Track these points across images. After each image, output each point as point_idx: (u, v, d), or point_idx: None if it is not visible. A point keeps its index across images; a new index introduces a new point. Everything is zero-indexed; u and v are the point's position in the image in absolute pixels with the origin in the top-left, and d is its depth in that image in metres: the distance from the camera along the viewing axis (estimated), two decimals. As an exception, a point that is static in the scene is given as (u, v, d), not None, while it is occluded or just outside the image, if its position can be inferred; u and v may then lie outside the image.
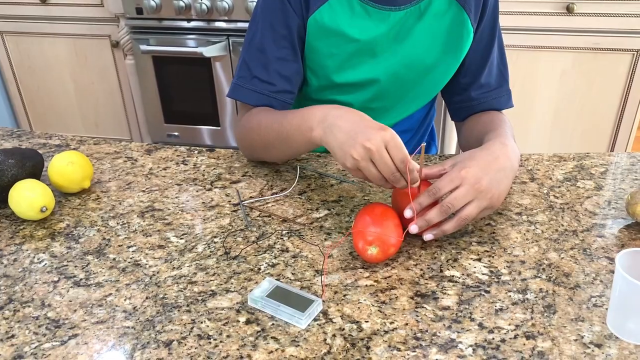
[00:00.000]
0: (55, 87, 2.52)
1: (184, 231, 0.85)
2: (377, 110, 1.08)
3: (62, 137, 1.17)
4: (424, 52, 1.01)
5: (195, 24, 2.17)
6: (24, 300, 0.72)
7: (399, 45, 1.01)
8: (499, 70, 1.08)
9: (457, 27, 1.00)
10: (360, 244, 0.74)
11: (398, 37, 1.00)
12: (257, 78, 1.00)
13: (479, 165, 0.79)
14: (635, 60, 1.98)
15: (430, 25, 0.99)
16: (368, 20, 0.98)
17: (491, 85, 1.07)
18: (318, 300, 0.69)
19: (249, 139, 1.01)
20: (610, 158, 1.06)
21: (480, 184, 0.77)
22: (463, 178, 0.77)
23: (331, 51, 1.01)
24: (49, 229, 0.87)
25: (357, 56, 1.01)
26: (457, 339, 0.65)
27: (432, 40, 1.01)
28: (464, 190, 0.77)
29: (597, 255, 0.78)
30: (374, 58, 1.02)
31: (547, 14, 1.97)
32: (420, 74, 1.05)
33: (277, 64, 1.00)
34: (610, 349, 0.63)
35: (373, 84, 1.05)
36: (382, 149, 0.76)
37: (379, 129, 0.77)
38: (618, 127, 2.11)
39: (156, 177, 1.01)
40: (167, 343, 0.65)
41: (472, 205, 0.77)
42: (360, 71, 1.03)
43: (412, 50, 1.01)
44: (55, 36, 2.40)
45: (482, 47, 1.05)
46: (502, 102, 1.07)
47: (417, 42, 1.01)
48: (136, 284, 0.75)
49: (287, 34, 0.99)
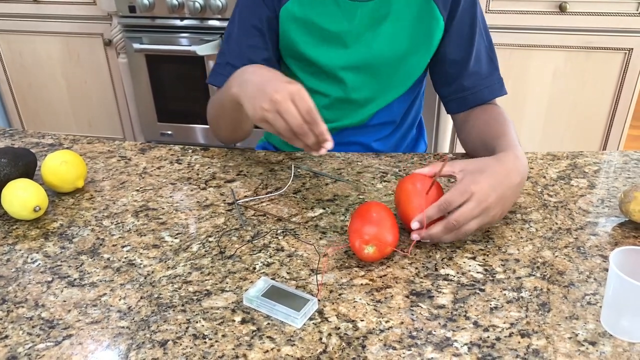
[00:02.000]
0: (47, 85, 2.51)
1: (179, 230, 0.85)
2: (356, 101, 1.11)
3: (55, 136, 1.16)
4: (393, 42, 1.04)
5: (189, 22, 2.16)
6: (17, 300, 0.72)
7: (369, 36, 1.04)
8: (487, 57, 1.07)
9: (426, 17, 1.02)
10: (357, 243, 0.74)
11: (368, 29, 1.03)
12: (230, 64, 1.05)
13: (490, 181, 0.78)
14: (627, 59, 1.99)
15: (398, 16, 1.02)
16: (338, 11, 1.02)
17: (482, 74, 1.06)
18: (314, 299, 0.69)
19: (209, 119, 1.10)
20: (604, 156, 1.06)
21: (487, 202, 0.77)
22: (473, 193, 0.76)
23: (304, 39, 1.05)
24: (42, 228, 0.86)
25: (329, 45, 1.05)
26: (452, 337, 0.65)
27: (401, 30, 1.03)
28: (472, 206, 0.76)
29: (591, 254, 0.78)
30: (345, 48, 1.05)
31: (540, 13, 1.97)
32: (392, 64, 1.07)
33: (249, 51, 1.05)
34: (604, 346, 0.63)
35: (347, 73, 1.07)
36: (287, 100, 0.79)
37: (286, 82, 0.81)
38: (610, 125, 2.12)
39: (150, 177, 1.01)
40: (162, 343, 0.65)
41: (474, 222, 0.77)
42: (333, 59, 1.06)
43: (381, 41, 1.04)
44: (48, 34, 2.38)
45: (465, 35, 1.05)
46: (495, 90, 1.07)
47: (386, 33, 1.03)
48: (131, 284, 0.74)
49: (258, 24, 1.05)
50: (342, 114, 1.13)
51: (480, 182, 0.77)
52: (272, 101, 0.79)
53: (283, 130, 0.80)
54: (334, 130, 1.15)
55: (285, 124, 0.79)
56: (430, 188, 0.79)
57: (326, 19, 1.03)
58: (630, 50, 1.97)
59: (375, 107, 1.12)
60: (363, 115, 1.13)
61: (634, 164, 1.03)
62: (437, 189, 0.81)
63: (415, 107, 1.21)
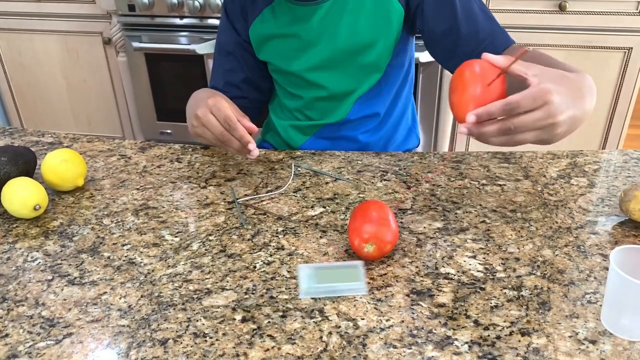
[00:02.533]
0: (46, 84, 2.50)
1: (179, 229, 0.85)
2: (331, 97, 1.14)
3: (55, 135, 1.16)
4: (353, 35, 1.07)
5: (188, 21, 2.16)
6: (17, 299, 0.72)
7: (329, 34, 1.07)
8: (482, 13, 1.01)
9: (381, 5, 1.04)
10: (357, 241, 0.74)
11: (326, 28, 1.07)
12: (215, 87, 1.17)
13: (568, 96, 0.70)
14: (626, 58, 1.99)
15: (354, 9, 1.05)
16: (295, 19, 1.08)
17: (479, 31, 0.99)
18: (359, 263, 0.73)
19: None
20: (603, 155, 1.06)
21: (557, 118, 0.69)
22: (546, 103, 0.68)
23: (273, 52, 1.13)
24: (42, 227, 0.86)
25: (295, 52, 1.11)
26: (452, 336, 0.65)
27: (359, 21, 1.06)
28: (539, 116, 0.69)
29: (591, 252, 0.78)
30: (308, 51, 1.09)
31: (540, 12, 1.97)
32: (356, 56, 1.09)
33: (227, 74, 1.17)
34: (604, 345, 0.63)
35: (315, 73, 1.11)
36: (208, 113, 0.90)
37: (207, 98, 0.92)
38: (610, 124, 2.12)
39: (150, 175, 1.01)
40: (162, 341, 0.65)
41: (533, 133, 0.70)
42: (300, 64, 1.11)
43: (341, 36, 1.07)
44: (47, 33, 2.38)
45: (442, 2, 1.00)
46: (498, 40, 0.98)
47: (345, 27, 1.06)
48: (131, 283, 0.74)
49: (231, 49, 1.16)
50: (323, 112, 1.17)
51: (557, 94, 0.69)
52: (196, 117, 0.92)
53: (211, 139, 0.92)
54: (319, 127, 1.19)
55: (211, 134, 0.91)
56: (494, 80, 0.71)
57: (287, 29, 1.09)
58: (630, 49, 1.97)
59: (351, 100, 1.14)
60: (343, 110, 1.15)
61: (634, 162, 1.03)
62: (502, 84, 0.72)
63: (401, 100, 1.21)
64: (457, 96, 0.73)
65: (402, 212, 0.89)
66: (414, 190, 0.95)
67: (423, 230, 0.84)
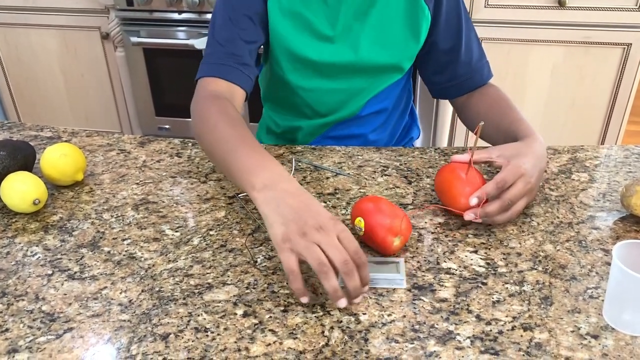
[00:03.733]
0: (44, 79, 2.49)
1: (179, 224, 0.85)
2: (344, 93, 1.11)
3: (54, 129, 1.15)
4: (380, 37, 1.04)
5: (187, 15, 2.15)
6: (17, 293, 0.71)
7: (355, 30, 1.03)
8: (477, 44, 1.10)
9: (411, 7, 1.03)
10: (389, 237, 0.74)
11: (353, 23, 1.03)
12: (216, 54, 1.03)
13: (530, 163, 0.82)
14: (626, 54, 1.99)
15: (383, 8, 1.03)
16: (323, 4, 1.02)
17: (473, 61, 1.09)
18: (400, 259, 0.73)
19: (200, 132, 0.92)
20: (604, 151, 1.06)
21: (532, 182, 0.81)
22: (522, 174, 0.80)
23: (292, 32, 1.04)
24: (42, 221, 0.86)
25: (316, 39, 1.04)
26: (455, 330, 0.65)
27: (387, 23, 1.03)
28: (521, 185, 0.80)
29: (593, 247, 0.78)
30: (332, 44, 1.04)
31: (539, 8, 1.97)
32: (380, 59, 1.06)
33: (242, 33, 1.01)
34: (606, 340, 0.63)
35: (334, 68, 1.07)
36: (334, 234, 0.67)
37: (331, 217, 0.69)
38: (608, 120, 2.12)
39: (150, 170, 1.00)
40: (164, 336, 0.64)
41: (522, 201, 0.81)
42: (320, 54, 1.05)
43: (368, 36, 1.04)
44: (44, 27, 2.37)
45: (453, 24, 1.06)
46: (484, 74, 1.10)
47: (372, 27, 1.03)
48: (132, 277, 0.74)
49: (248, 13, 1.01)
50: (333, 106, 1.13)
51: (525, 164, 0.81)
52: (315, 229, 0.67)
53: (316, 261, 0.65)
54: (329, 124, 1.15)
55: (320, 255, 0.66)
56: (468, 172, 0.82)
57: (312, 12, 1.02)
58: (629, 45, 1.97)
59: (365, 97, 1.13)
60: (354, 106, 1.13)
61: (635, 158, 1.02)
62: (477, 172, 0.83)
63: (406, 92, 1.21)
64: (448, 195, 0.83)
65: (403, 207, 0.88)
66: (415, 185, 0.94)
67: (424, 225, 0.84)
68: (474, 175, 0.82)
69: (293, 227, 0.68)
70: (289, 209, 0.70)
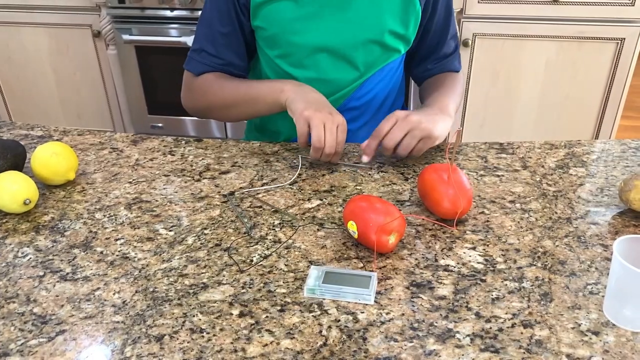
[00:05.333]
0: (35, 77, 2.47)
1: (173, 223, 0.84)
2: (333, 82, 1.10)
3: (45, 128, 1.14)
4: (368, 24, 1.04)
5: (179, 13, 2.13)
6: (8, 295, 0.70)
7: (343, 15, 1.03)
8: (454, 37, 1.15)
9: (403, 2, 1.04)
10: (383, 237, 0.73)
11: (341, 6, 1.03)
12: (206, 52, 1.08)
13: (415, 115, 0.94)
14: (619, 49, 1.99)
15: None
16: None
17: (447, 55, 1.16)
18: (373, 274, 0.70)
19: (206, 101, 1.10)
20: (601, 145, 1.06)
21: (410, 117, 0.93)
22: (396, 117, 0.93)
23: (277, 20, 1.04)
24: (33, 222, 0.84)
25: (302, 24, 1.04)
26: (454, 328, 0.64)
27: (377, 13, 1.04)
28: (397, 125, 0.92)
29: (592, 243, 0.78)
30: (318, 29, 1.04)
31: (533, 3, 1.96)
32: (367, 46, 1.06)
33: (222, 38, 1.07)
34: (607, 336, 0.63)
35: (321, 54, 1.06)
36: (335, 124, 0.92)
37: (337, 114, 0.94)
38: (602, 115, 2.12)
39: (143, 168, 0.99)
40: (158, 337, 0.63)
41: (408, 137, 0.92)
42: (307, 39, 1.05)
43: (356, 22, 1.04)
44: (35, 26, 2.34)
45: (440, 25, 1.11)
46: (454, 65, 1.17)
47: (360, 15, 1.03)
48: (125, 278, 0.73)
49: (230, 10, 1.05)
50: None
51: (402, 112, 0.94)
52: (327, 115, 0.92)
53: (317, 137, 0.91)
54: None
55: (322, 134, 0.91)
56: (450, 173, 0.81)
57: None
58: (622, 40, 1.97)
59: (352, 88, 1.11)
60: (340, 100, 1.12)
61: (632, 152, 1.02)
62: (459, 173, 0.82)
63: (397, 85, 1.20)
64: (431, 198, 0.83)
65: (400, 204, 0.87)
66: (412, 181, 0.93)
67: (422, 222, 0.83)
68: (456, 177, 0.81)
69: (312, 107, 0.94)
70: (312, 98, 0.97)
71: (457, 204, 0.79)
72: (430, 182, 0.82)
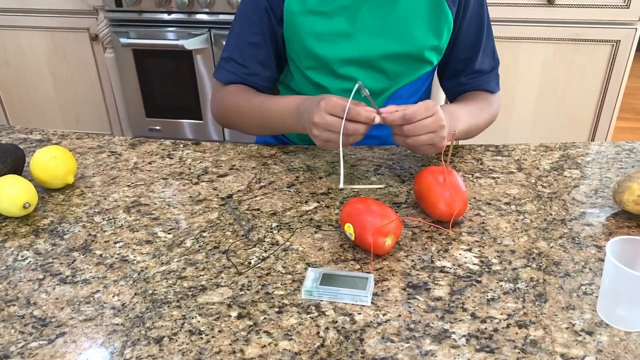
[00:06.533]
0: (33, 81, 2.47)
1: (172, 226, 0.84)
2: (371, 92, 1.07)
3: (44, 132, 1.14)
4: (400, 38, 1.03)
5: (176, 16, 2.14)
6: (8, 298, 0.71)
7: (375, 28, 1.02)
8: (491, 54, 1.12)
9: (434, 12, 1.02)
10: (380, 239, 0.74)
11: (372, 21, 1.01)
12: (234, 60, 1.08)
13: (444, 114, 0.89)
14: (614, 51, 2.00)
15: (406, 9, 1.01)
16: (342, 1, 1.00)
17: (483, 71, 1.11)
18: (370, 275, 0.71)
19: (228, 117, 1.11)
20: (595, 147, 1.07)
21: (439, 121, 0.86)
22: (436, 112, 0.86)
23: (308, 32, 1.03)
24: (32, 225, 0.85)
25: (332, 38, 1.03)
26: (450, 329, 0.65)
27: (409, 25, 1.02)
28: (430, 121, 0.85)
29: (586, 244, 0.79)
30: (349, 41, 1.03)
31: (528, 5, 1.97)
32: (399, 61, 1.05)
33: (251, 48, 1.07)
34: (601, 336, 0.63)
35: (350, 67, 1.05)
36: (325, 116, 0.85)
37: (317, 103, 0.87)
38: (598, 117, 2.13)
39: (141, 172, 0.99)
40: (157, 339, 0.64)
41: (427, 136, 0.86)
42: (336, 52, 1.04)
43: (388, 36, 1.02)
44: (32, 29, 2.34)
45: (472, 35, 1.07)
46: (491, 86, 1.13)
47: (393, 28, 1.02)
48: (124, 280, 0.73)
49: (261, 21, 1.05)
50: None
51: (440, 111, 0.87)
52: (315, 124, 0.86)
53: (337, 139, 0.86)
54: None
55: (336, 134, 0.85)
56: (446, 175, 0.81)
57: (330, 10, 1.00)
58: (618, 42, 1.98)
59: (383, 98, 1.11)
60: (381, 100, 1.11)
61: (626, 154, 1.03)
62: (455, 175, 0.83)
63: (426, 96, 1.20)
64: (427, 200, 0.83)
65: (396, 205, 0.88)
66: (408, 183, 0.94)
67: (418, 223, 0.84)
68: (451, 179, 0.81)
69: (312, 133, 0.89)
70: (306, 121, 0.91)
71: (453, 206, 0.80)
72: (426, 185, 0.83)
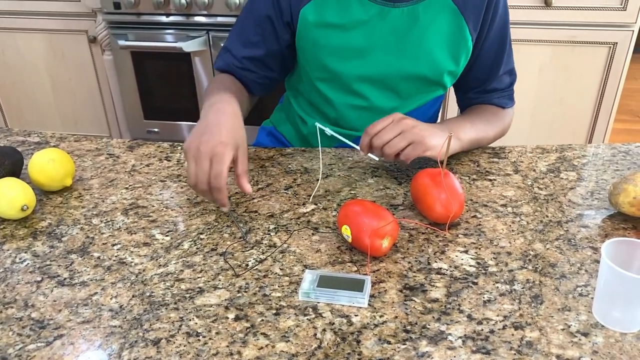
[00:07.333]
0: (31, 83, 2.47)
1: (169, 228, 0.84)
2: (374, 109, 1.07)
3: (42, 135, 1.14)
4: (417, 60, 1.01)
5: (174, 18, 2.14)
6: (6, 301, 0.71)
7: (391, 49, 1.00)
8: (508, 74, 1.10)
9: (455, 36, 1.00)
10: (377, 241, 0.74)
11: (389, 39, 1.00)
12: (230, 52, 1.08)
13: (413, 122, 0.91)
14: (612, 53, 2.01)
15: (424, 30, 0.99)
16: (361, 13, 0.98)
17: (497, 90, 1.11)
18: (367, 277, 0.71)
19: None
20: (592, 149, 1.07)
21: (405, 120, 0.90)
22: (392, 118, 0.90)
23: (321, 44, 1.01)
24: (30, 228, 0.85)
25: (347, 54, 1.01)
26: (446, 330, 0.65)
27: (426, 48, 1.00)
28: (391, 126, 0.89)
29: (582, 246, 0.79)
30: (363, 59, 1.01)
31: (526, 7, 1.98)
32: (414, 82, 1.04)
33: (249, 46, 1.07)
34: (596, 337, 0.64)
35: (364, 84, 1.04)
36: (207, 157, 0.81)
37: (219, 141, 0.81)
38: (595, 119, 2.14)
39: (139, 174, 1.00)
40: (155, 341, 0.64)
41: (398, 138, 0.88)
42: (351, 69, 1.03)
43: (404, 57, 1.01)
44: (31, 32, 2.35)
45: (492, 57, 1.06)
46: (502, 102, 1.12)
47: (410, 49, 1.00)
48: (122, 282, 0.73)
49: (265, 23, 1.04)
50: (356, 122, 1.10)
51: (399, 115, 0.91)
52: (197, 149, 0.81)
53: (191, 176, 0.82)
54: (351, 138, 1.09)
55: (194, 172, 0.82)
56: (442, 178, 0.82)
57: (348, 20, 0.99)
58: (615, 44, 1.99)
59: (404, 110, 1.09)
60: None
61: (622, 156, 1.03)
62: (451, 178, 0.83)
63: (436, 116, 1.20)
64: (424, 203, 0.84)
65: (393, 208, 0.89)
66: (405, 186, 0.95)
67: (415, 225, 0.84)
68: (448, 181, 0.82)
69: (192, 139, 0.83)
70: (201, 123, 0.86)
71: (450, 208, 0.80)
72: (423, 187, 0.83)
